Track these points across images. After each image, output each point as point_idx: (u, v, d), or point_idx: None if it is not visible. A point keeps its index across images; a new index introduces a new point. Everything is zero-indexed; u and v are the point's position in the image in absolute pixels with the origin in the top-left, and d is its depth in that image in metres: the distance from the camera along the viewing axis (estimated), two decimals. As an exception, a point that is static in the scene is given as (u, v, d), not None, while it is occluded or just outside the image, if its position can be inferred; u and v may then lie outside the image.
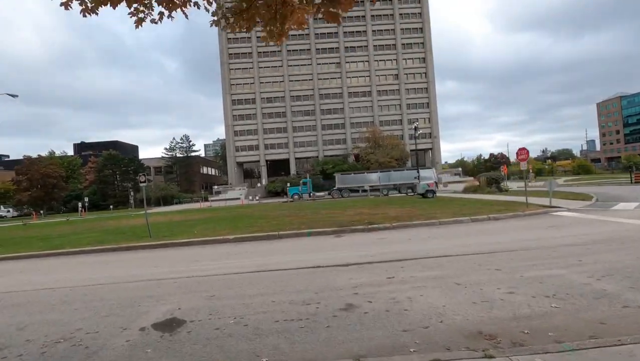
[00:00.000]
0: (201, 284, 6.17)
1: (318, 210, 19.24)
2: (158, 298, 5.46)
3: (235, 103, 68.97)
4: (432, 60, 69.84)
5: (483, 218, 11.69)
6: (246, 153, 69.38)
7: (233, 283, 6.10)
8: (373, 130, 59.56)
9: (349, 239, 9.99)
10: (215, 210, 30.79)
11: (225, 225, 14.73)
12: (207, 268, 7.45)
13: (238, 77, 69.16)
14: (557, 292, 4.50)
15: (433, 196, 23.29)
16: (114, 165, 62.28)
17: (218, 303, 5.00)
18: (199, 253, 9.65)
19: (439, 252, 7.41)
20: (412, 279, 5.53)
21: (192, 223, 16.99)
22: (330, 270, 6.55)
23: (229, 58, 68.85)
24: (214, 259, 8.47)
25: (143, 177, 12.21)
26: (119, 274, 7.45)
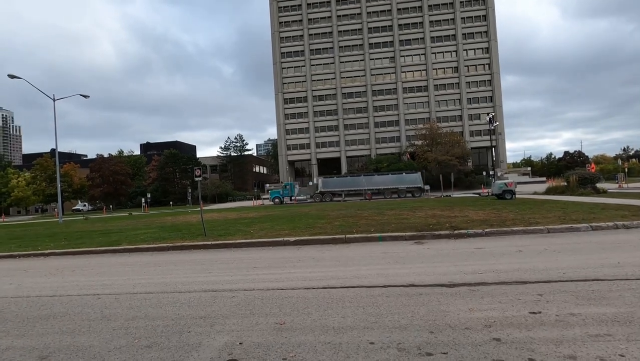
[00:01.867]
0: (265, 302, 4.80)
1: (382, 210, 17.43)
2: (212, 322, 4.16)
3: (287, 102, 69.17)
4: (497, 49, 64.24)
5: (607, 225, 9.13)
6: (297, 152, 69.26)
7: (306, 303, 4.65)
8: (430, 126, 55.93)
9: (435, 248, 8.15)
10: (269, 208, 30.29)
11: (282, 225, 13.56)
12: (269, 279, 6.11)
13: (290, 75, 69.27)
14: None
15: (512, 197, 20.31)
16: (174, 163, 65.50)
17: (292, 340, 3.54)
18: (257, 256, 8.43)
19: (579, 273, 5.35)
20: (577, 320, 3.64)
21: (247, 222, 16.14)
22: (432, 293, 4.84)
23: (281, 57, 69.20)
24: (275, 267, 7.15)
25: (198, 171, 11.43)
26: (170, 281, 6.39)
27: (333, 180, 41.54)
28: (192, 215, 24.23)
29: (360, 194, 38.78)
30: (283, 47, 69.34)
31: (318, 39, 68.71)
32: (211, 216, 21.64)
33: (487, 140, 61.80)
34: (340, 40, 67.95)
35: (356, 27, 67.75)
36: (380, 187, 39.06)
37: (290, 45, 69.21)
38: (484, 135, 61.72)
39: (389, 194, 38.14)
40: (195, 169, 12.12)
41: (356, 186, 39.82)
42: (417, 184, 38.89)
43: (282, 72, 69.26)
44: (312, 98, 68.43)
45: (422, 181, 39.27)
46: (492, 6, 64.79)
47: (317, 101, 68.56)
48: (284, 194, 41.00)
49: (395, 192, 38.11)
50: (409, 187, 38.71)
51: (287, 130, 69.24)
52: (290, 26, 69.58)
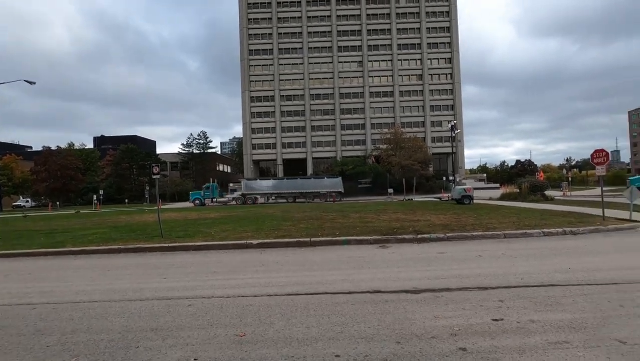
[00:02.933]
0: (224, 311, 4.49)
1: (346, 213, 17.47)
2: (165, 334, 3.81)
3: (253, 100, 67.96)
4: (459, 60, 67.27)
5: (557, 231, 9.69)
6: (263, 151, 68.23)
7: (269, 312, 4.40)
8: (395, 131, 57.33)
9: (399, 252, 8.19)
10: (232, 208, 29.45)
11: (246, 226, 13.13)
12: (230, 285, 5.79)
13: (257, 73, 68.13)
14: None
15: (470, 202, 21.21)
16: (131, 159, 61.97)
17: (253, 354, 3.30)
18: (218, 260, 8.03)
19: (536, 279, 5.55)
20: (536, 327, 3.71)
21: (209, 222, 15.49)
22: (397, 299, 4.78)
23: (249, 55, 67.89)
24: (237, 271, 6.81)
25: (156, 168, 10.73)
26: (119, 287, 5.86)
27: (256, 183, 41.55)
28: (149, 214, 22.95)
29: (284, 197, 39.40)
30: (251, 45, 68.08)
31: (287, 38, 68.21)
32: (170, 216, 20.61)
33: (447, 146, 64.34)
34: (309, 42, 67.91)
35: (326, 29, 68.06)
36: (303, 190, 39.72)
37: (258, 42, 68.09)
38: (444, 141, 64.29)
39: (311, 197, 38.90)
40: (153, 165, 11.39)
41: (279, 189, 40.35)
42: (337, 189, 39.95)
43: (250, 70, 67.97)
44: (280, 98, 67.75)
45: (342, 186, 40.38)
46: (455, 19, 67.78)
47: (284, 101, 67.97)
48: (205, 195, 39.73)
49: (317, 195, 39.04)
50: (330, 191, 39.60)
51: (253, 129, 67.97)
52: (259, 23, 68.49)
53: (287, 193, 39.65)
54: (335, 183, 40.72)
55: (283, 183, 41.94)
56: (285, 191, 40.00)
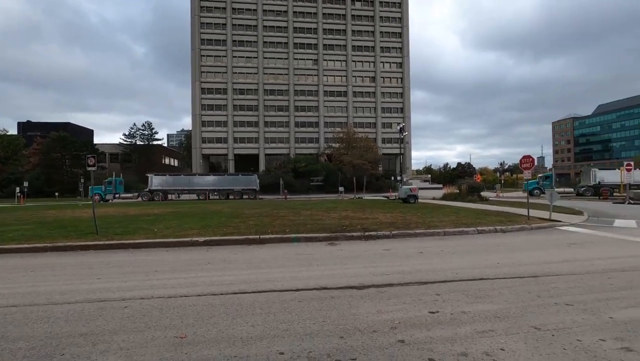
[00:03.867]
0: (164, 313, 4.28)
1: (297, 210, 17.49)
2: (96, 339, 3.54)
3: (204, 92, 65.35)
4: (409, 66, 70.39)
5: (489, 229, 10.58)
6: (213, 145, 65.95)
7: (212, 312, 4.28)
8: (347, 131, 58.57)
9: (347, 249, 8.39)
10: (178, 204, 28.08)
11: (192, 223, 12.60)
12: (172, 284, 5.53)
13: (209, 64, 65.59)
14: (694, 351, 3.17)
15: (415, 201, 22.35)
16: (63, 148, 56.38)
17: (193, 355, 3.19)
18: (160, 259, 7.62)
19: (469, 273, 6.01)
20: (468, 318, 4.03)
21: (151, 219, 14.63)
22: (343, 295, 4.91)
23: (200, 44, 65.10)
24: (180, 270, 6.52)
25: (92, 160, 9.85)
26: (44, 290, 5.33)
27: (165, 178, 38.86)
28: (83, 209, 21.13)
29: (196, 194, 38.10)
30: (203, 34, 65.32)
31: (242, 30, 66.46)
32: (107, 212, 19.14)
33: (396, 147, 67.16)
34: (265, 36, 66.80)
35: (282, 24, 67.42)
36: (215, 187, 38.58)
37: (211, 32, 65.52)
38: (394, 143, 67.05)
39: (223, 195, 38.08)
40: (88, 156, 10.47)
41: (190, 186, 38.64)
42: (252, 186, 39.00)
43: (201, 60, 65.19)
44: (233, 91, 65.88)
45: (257, 184, 39.52)
46: (406, 25, 70.83)
47: (237, 95, 66.22)
48: (107, 190, 37.40)
49: (231, 193, 38.23)
50: (244, 188, 38.58)
51: (203, 122, 65.36)
52: (212, 12, 65.87)
53: (199, 189, 38.00)
54: (251, 181, 39.51)
55: (194, 179, 39.88)
56: (196, 188, 38.12)
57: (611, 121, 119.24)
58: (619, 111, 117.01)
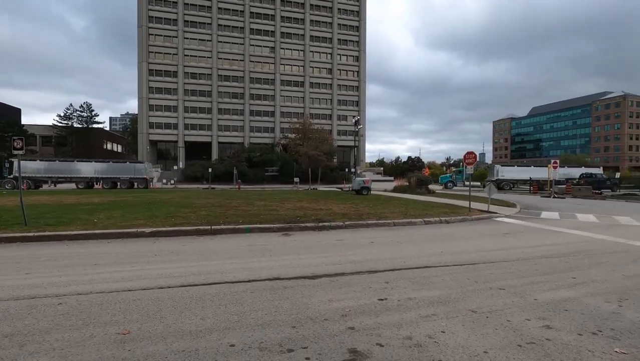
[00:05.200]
0: (105, 308, 4.02)
1: (251, 200, 17.20)
2: (23, 340, 3.23)
3: (153, 74, 61.28)
4: (365, 60, 71.54)
5: (435, 220, 11.22)
6: (162, 131, 62.35)
7: (159, 306, 4.10)
8: (304, 121, 58.46)
9: (301, 240, 8.45)
10: (121, 193, 26.27)
11: (137, 213, 11.88)
12: (114, 278, 5.20)
13: (158, 44, 61.51)
14: (599, 327, 3.66)
15: (368, 193, 23.02)
16: (-17, 128, 50.02)
17: (138, 352, 3.04)
18: (101, 251, 7.11)
19: (415, 262, 6.35)
20: (413, 304, 4.27)
21: (90, 208, 13.56)
22: (296, 285, 4.95)
23: (148, 21, 60.69)
24: (124, 263, 6.14)
25: (19, 142, 8.81)
26: (-40, 287, 4.74)
27: (36, 164, 34.52)
28: (9, 197, 19.00)
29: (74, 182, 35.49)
30: (152, 11, 60.88)
31: (194, 10, 62.95)
32: (39, 200, 17.40)
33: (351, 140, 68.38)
34: (219, 18, 63.91)
35: (238, 7, 64.90)
36: (100, 175, 35.55)
37: (160, 10, 61.27)
38: (348, 135, 68.16)
39: (108, 183, 35.48)
40: (15, 139, 9.36)
41: (69, 173, 35.33)
42: (142, 175, 36.60)
43: (149, 39, 60.85)
44: (184, 75, 62.47)
45: (147, 172, 37.08)
46: (364, 19, 71.71)
47: (189, 79, 62.93)
48: None
49: (118, 181, 35.92)
50: (132, 177, 36.26)
51: (151, 105, 61.35)
52: (162, -12, 61.57)
53: (80, 177, 34.99)
54: (141, 169, 36.71)
55: (74, 165, 35.94)
56: (77, 175, 35.05)
57: (542, 122, 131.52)
58: (549, 114, 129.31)
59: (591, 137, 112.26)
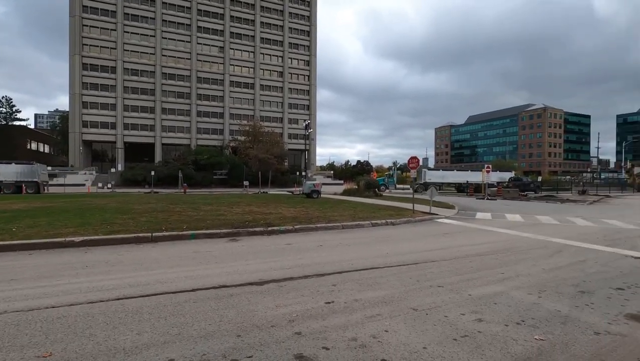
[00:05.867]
0: (23, 328, 3.59)
1: (197, 205, 16.48)
2: None
3: (87, 68, 56.44)
4: (316, 65, 72.45)
5: (381, 223, 11.63)
6: (97, 131, 57.58)
7: (88, 323, 3.75)
8: (254, 124, 57.52)
9: (249, 245, 8.26)
10: (49, 198, 23.72)
11: (66, 220, 10.80)
12: (36, 294, 4.66)
13: (94, 37, 56.85)
14: (523, 317, 4.04)
15: (318, 196, 23.24)
16: None
17: (61, 376, 2.75)
18: (21, 264, 6.34)
19: (363, 263, 6.53)
20: (359, 305, 4.37)
21: (9, 216, 12.06)
22: (242, 292, 4.83)
23: (82, 11, 55.89)
24: (48, 277, 5.53)
25: None
26: None
27: None
28: None
29: None
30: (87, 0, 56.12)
31: (136, 3, 59.18)
32: (-58, 207, 15.10)
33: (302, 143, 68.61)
34: (164, 13, 60.73)
35: (184, 4, 62.21)
36: None
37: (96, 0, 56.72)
38: (299, 139, 68.37)
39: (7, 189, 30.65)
40: None
41: None
42: (31, 178, 31.53)
43: (83, 31, 55.94)
44: (124, 71, 58.29)
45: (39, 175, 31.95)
46: (315, 25, 72.60)
47: (129, 75, 58.84)
48: None
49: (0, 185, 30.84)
50: (19, 181, 31.14)
51: (85, 103, 56.31)
52: (98, -23, 57.04)
53: None
54: (28, 172, 31.37)
55: None
56: None
57: (477, 130, 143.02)
58: (483, 122, 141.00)
59: (518, 144, 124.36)
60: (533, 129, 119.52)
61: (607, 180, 55.62)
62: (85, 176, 47.40)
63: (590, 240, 9.26)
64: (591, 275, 5.89)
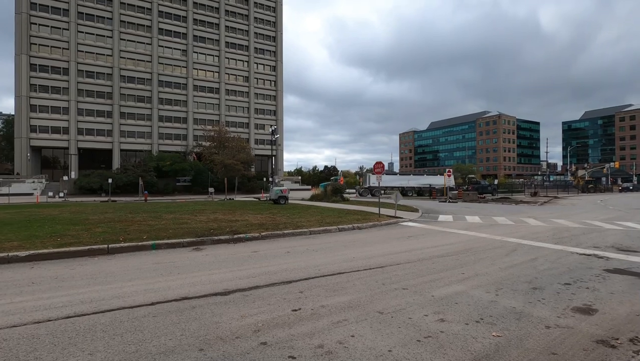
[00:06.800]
0: (-45, 356, 3.23)
1: (159, 214, 15.79)
2: None
3: (35, 69, 52.71)
4: (282, 70, 72.36)
5: (348, 227, 11.74)
6: (48, 136, 53.77)
7: (34, 345, 3.45)
8: (219, 129, 56.22)
9: (213, 254, 8.02)
10: (-11, 209, 21.71)
11: (10, 233, 9.93)
12: (-28, 316, 4.22)
13: (44, 35, 53.28)
14: (481, 315, 4.22)
15: (285, 202, 23.07)
16: None
17: (-1, 406, 2.50)
18: (-48, 284, 5.72)
19: (330, 269, 6.54)
20: (326, 311, 4.37)
21: (-59, 230, 10.88)
22: (206, 304, 4.66)
23: (30, 8, 52.28)
24: (-13, 296, 5.04)
25: None
26: None
27: None
28: None
29: None
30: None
31: (90, 2, 56.25)
32: None
33: (268, 149, 68.06)
34: (122, 13, 58.15)
35: (144, 4, 59.98)
36: None
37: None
38: (266, 144, 67.75)
39: None
40: None
41: None
42: None
43: (32, 29, 52.25)
44: (78, 73, 55.00)
45: None
46: (280, 31, 72.62)
47: (84, 77, 55.59)
48: None
49: None
50: None
51: (33, 106, 52.41)
52: (48, -27, 53.66)
53: None
54: None
55: None
56: None
57: (439, 135, 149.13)
58: (444, 128, 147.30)
59: (476, 149, 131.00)
60: (489, 135, 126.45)
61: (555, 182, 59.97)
62: (33, 184, 44.00)
63: (541, 239, 9.90)
64: (542, 272, 6.28)
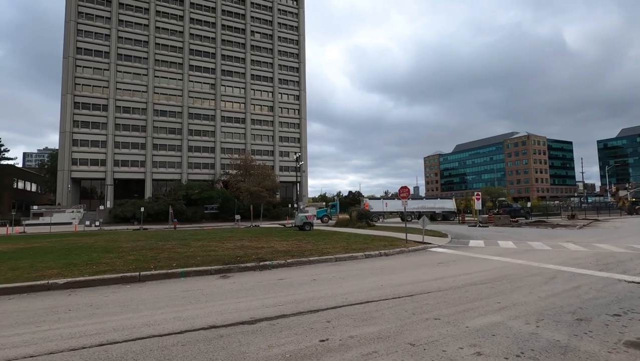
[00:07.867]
0: (-3, 382, 3.36)
1: (187, 241, 16.14)
2: None
3: (79, 107, 56.93)
4: (305, 99, 74.36)
5: (375, 253, 11.51)
6: (87, 168, 57.10)
7: (68, 373, 3.53)
8: (245, 157, 57.83)
9: (240, 281, 8.04)
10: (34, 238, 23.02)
11: (50, 261, 10.43)
12: (13, 343, 4.40)
13: (87, 76, 57.85)
14: (522, 349, 3.94)
15: (310, 228, 23.02)
16: None
17: None
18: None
19: (357, 297, 6.38)
20: (354, 342, 4.22)
21: (-11, 258, 11.60)
22: (233, 333, 4.64)
23: (76, 53, 57.26)
24: (27, 323, 5.26)
25: None
26: None
27: None
28: None
29: None
30: (80, 42, 57.65)
31: (129, 44, 61.01)
32: None
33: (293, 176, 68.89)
34: (157, 54, 62.55)
35: (177, 44, 64.36)
36: None
37: (91, 42, 58.30)
38: (291, 171, 68.76)
39: None
40: None
41: None
42: None
43: (76, 71, 57.02)
44: (116, 109, 58.95)
45: None
46: (303, 62, 75.38)
47: (121, 113, 59.45)
48: None
49: None
50: None
51: (75, 140, 56.27)
52: (93, 20, 59.00)
53: None
54: None
55: None
56: None
57: (465, 158, 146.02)
58: (470, 151, 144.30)
59: (505, 171, 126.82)
60: (519, 156, 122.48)
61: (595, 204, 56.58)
62: (72, 214, 46.43)
63: (583, 265, 9.26)
64: (587, 301, 5.84)
